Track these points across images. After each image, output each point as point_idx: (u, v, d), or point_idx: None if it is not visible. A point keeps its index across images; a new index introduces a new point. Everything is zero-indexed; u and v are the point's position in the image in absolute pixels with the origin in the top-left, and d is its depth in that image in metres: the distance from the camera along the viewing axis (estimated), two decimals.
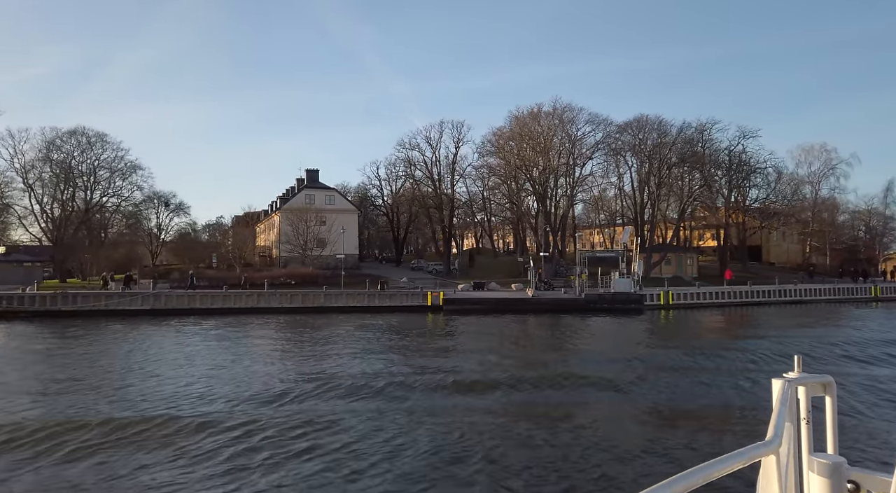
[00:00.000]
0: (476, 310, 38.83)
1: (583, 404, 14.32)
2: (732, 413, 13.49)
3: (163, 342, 25.52)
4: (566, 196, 63.50)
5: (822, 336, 26.61)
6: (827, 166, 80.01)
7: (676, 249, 64.83)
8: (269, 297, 39.16)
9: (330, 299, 39.60)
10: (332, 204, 69.76)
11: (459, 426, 12.20)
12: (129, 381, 17.01)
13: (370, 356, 21.27)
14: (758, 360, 20.40)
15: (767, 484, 1.51)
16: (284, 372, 18.24)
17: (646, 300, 41.03)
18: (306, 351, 22.99)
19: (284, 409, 13.64)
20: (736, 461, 1.36)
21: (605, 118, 64.97)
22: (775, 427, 1.53)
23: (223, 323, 32.34)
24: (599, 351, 22.59)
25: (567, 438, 11.43)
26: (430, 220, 72.83)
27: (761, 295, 46.81)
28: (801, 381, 1.77)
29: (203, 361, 20.65)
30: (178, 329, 30.27)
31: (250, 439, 11.19)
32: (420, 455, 10.36)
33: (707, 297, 44.52)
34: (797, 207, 74.71)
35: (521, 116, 66.88)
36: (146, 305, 37.40)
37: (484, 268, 67.22)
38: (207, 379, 17.12)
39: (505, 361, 20.82)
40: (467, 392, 15.77)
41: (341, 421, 12.45)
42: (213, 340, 26.26)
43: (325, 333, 28.64)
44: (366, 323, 32.91)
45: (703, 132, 63.55)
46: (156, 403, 14.14)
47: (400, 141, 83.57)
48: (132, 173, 67.76)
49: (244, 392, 15.31)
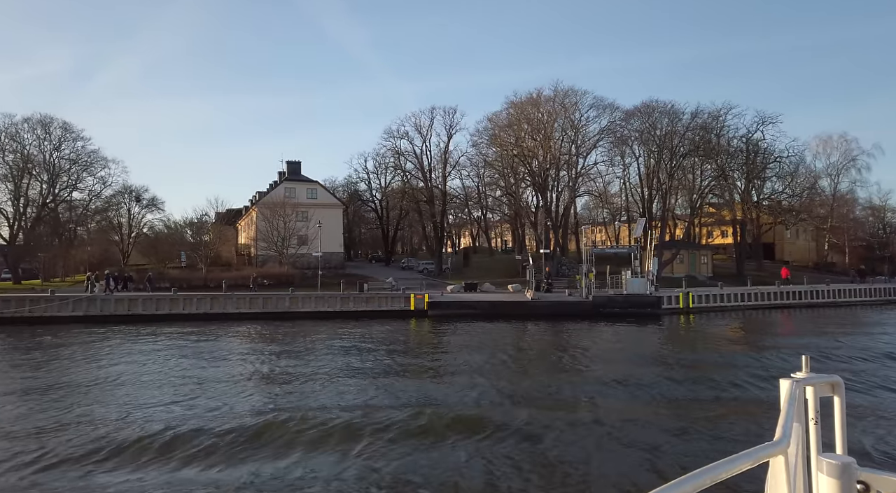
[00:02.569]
0: (467, 315, 33.28)
1: (611, 471, 8.81)
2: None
3: (51, 366, 19.92)
4: (569, 187, 57.70)
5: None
6: (847, 158, 74.81)
7: (689, 245, 59.20)
8: (224, 301, 33.53)
9: (297, 304, 34.00)
10: (315, 198, 64.12)
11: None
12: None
13: (315, 389, 15.70)
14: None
15: (776, 485, 1.50)
16: (170, 416, 12.66)
17: (663, 303, 35.48)
18: (220, 377, 17.41)
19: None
20: (744, 461, 1.35)
21: (611, 103, 59.32)
22: (783, 427, 1.52)
23: (153, 334, 26.70)
24: (623, 375, 17.02)
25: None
26: (420, 215, 67.25)
27: (806, 296, 41.41)
28: (810, 381, 1.72)
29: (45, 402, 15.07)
30: (86, 343, 24.44)
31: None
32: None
33: (733, 299, 38.95)
34: (815, 201, 69.15)
35: (519, 103, 61.18)
36: (78, 311, 31.79)
37: (480, 267, 62.05)
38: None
39: (498, 388, 15.29)
40: (444, 439, 10.43)
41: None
42: (105, 359, 20.59)
43: (273, 348, 22.99)
44: (335, 332, 27.33)
45: (717, 119, 57.95)
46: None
47: (387, 129, 77.36)
48: (104, 167, 62.42)
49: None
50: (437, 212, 62.59)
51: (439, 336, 26.90)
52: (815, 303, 41.60)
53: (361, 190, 79.08)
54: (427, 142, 62.56)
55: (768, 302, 39.96)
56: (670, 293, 36.90)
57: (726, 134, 58.67)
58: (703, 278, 52.44)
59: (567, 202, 58.83)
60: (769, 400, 13.15)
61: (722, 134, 58.34)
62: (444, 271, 59.44)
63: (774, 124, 57.98)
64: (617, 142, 60.95)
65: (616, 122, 59.36)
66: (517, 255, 59.72)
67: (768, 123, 57.89)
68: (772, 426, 1.54)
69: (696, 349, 23.47)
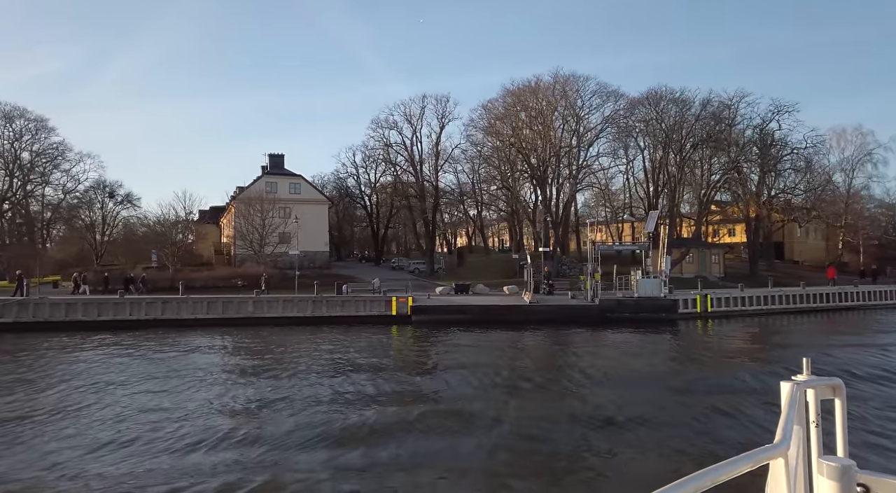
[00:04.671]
0: (455, 321, 29.06)
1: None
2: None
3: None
4: (570, 180, 53.34)
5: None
6: (862, 152, 70.70)
7: (699, 243, 55.00)
8: (178, 305, 29.25)
9: (261, 308, 29.76)
10: (298, 193, 59.79)
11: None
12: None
13: (246, 434, 11.52)
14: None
15: (776, 487, 1.48)
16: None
17: (679, 307, 31.29)
18: (142, 406, 13.21)
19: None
20: (744, 463, 1.34)
21: (615, 90, 54.84)
22: (783, 430, 1.50)
23: (89, 343, 22.51)
24: (648, 408, 12.82)
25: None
26: (411, 212, 63.03)
27: (835, 299, 37.33)
28: (810, 384, 1.69)
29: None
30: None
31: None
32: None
33: (755, 302, 34.73)
34: (829, 198, 64.90)
35: (516, 91, 56.72)
36: (7, 317, 27.52)
37: (475, 267, 57.88)
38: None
39: (494, 433, 11.12)
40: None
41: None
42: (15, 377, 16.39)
43: (224, 360, 18.77)
44: (296, 345, 23.14)
45: (729, 108, 53.68)
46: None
47: (375, 118, 71.67)
48: (79, 161, 58.43)
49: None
50: (429, 208, 58.34)
51: (419, 350, 22.72)
52: (845, 306, 37.44)
53: (350, 186, 74.69)
54: (418, 132, 58.25)
55: (794, 306, 35.76)
56: (685, 296, 32.70)
57: (740, 124, 54.48)
58: (714, 278, 48.29)
59: (568, 197, 54.51)
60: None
61: (735, 124, 54.14)
62: (437, 272, 55.28)
63: (791, 113, 53.58)
64: (621, 134, 56.77)
65: (620, 111, 55.16)
66: (514, 254, 55.47)
67: (784, 113, 53.56)
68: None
69: (735, 365, 19.17)
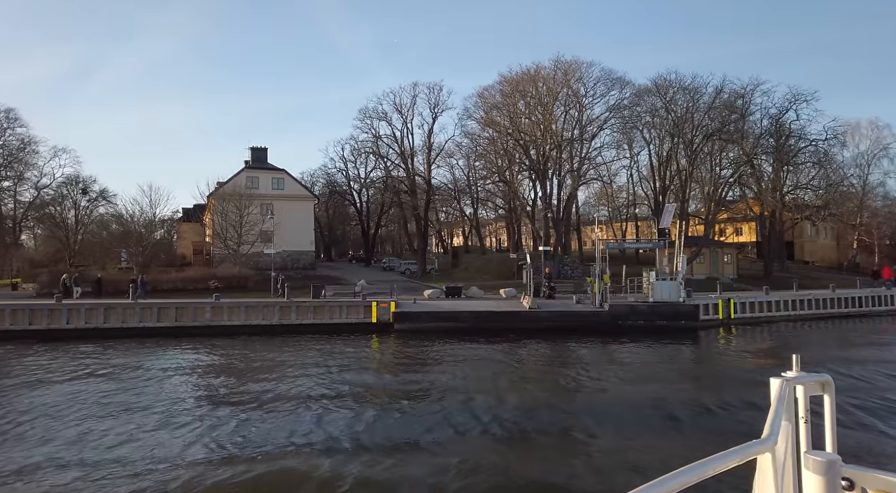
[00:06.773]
0: (444, 330, 25.17)
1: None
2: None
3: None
4: (572, 172, 49.36)
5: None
6: (878, 146, 67.01)
7: (711, 242, 51.19)
8: (123, 312, 25.28)
9: (220, 315, 25.81)
10: (282, 189, 55.84)
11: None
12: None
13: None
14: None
15: (763, 481, 1.49)
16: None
17: (699, 314, 27.43)
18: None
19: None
20: (732, 458, 1.35)
21: (620, 77, 50.86)
22: (771, 425, 1.51)
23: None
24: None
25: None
26: (402, 209, 59.16)
27: (868, 303, 33.57)
28: (800, 380, 1.70)
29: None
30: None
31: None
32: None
33: (782, 307, 30.89)
34: (842, 195, 61.06)
35: (513, 79, 52.74)
36: None
37: (470, 268, 54.13)
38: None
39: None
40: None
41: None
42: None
43: (160, 387, 14.87)
44: (252, 362, 19.28)
45: (743, 97, 49.82)
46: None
47: (363, 108, 66.68)
48: (53, 156, 54.74)
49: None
50: (421, 205, 54.44)
51: (397, 366, 18.85)
52: (878, 311, 33.67)
53: (339, 182, 70.74)
54: (409, 124, 54.39)
55: (826, 311, 31.95)
56: (706, 300, 28.88)
57: (755, 114, 50.63)
58: (727, 279, 44.48)
59: (570, 191, 50.58)
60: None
61: (749, 113, 50.29)
62: (429, 273, 51.43)
63: (809, 103, 49.51)
64: (626, 125, 52.83)
65: (625, 100, 51.19)
66: (512, 253, 51.61)
67: (801, 102, 49.55)
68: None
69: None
